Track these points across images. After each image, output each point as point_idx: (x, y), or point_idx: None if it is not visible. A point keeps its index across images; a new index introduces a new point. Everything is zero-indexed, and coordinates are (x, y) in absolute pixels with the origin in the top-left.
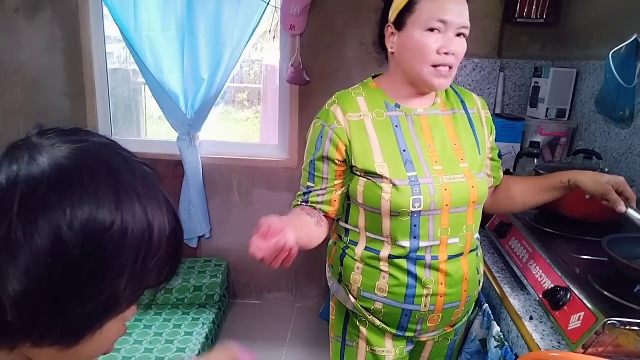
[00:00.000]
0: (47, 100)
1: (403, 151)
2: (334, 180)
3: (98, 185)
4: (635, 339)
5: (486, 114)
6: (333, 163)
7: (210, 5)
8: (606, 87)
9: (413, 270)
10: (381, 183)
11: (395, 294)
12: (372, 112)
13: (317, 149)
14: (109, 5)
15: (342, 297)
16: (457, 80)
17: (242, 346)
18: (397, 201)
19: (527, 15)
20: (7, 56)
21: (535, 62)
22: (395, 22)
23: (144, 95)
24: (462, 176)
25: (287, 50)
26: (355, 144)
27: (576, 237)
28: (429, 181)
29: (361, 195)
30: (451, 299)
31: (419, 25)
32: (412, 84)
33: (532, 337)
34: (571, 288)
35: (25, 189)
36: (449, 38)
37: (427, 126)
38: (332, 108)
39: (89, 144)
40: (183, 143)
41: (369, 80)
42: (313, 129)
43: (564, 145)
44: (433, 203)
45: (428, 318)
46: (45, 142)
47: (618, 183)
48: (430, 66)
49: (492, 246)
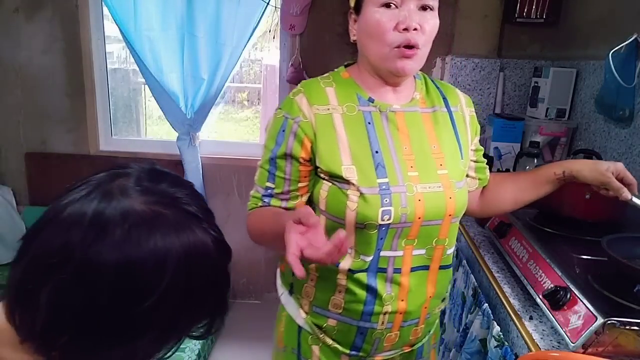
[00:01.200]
0: (47, 100)
1: (375, 153)
2: (298, 183)
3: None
4: (635, 339)
5: (471, 113)
6: (297, 162)
7: (210, 5)
8: (606, 87)
9: (373, 285)
10: (347, 190)
11: (351, 311)
12: (343, 106)
13: (279, 145)
14: (109, 5)
15: (292, 311)
16: (457, 80)
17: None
18: (365, 212)
19: (527, 15)
20: (7, 56)
21: (535, 62)
22: (355, 7)
23: (144, 95)
24: (440, 185)
25: (287, 50)
26: (320, 142)
27: (576, 237)
28: (401, 190)
29: (324, 202)
30: (411, 317)
31: (373, 3)
32: (377, 72)
33: (532, 337)
34: (571, 288)
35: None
36: (408, 11)
37: (403, 125)
38: (298, 98)
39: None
40: (183, 143)
41: (340, 69)
42: (274, 121)
43: (564, 145)
44: (404, 215)
45: (385, 337)
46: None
47: (618, 170)
48: (392, 48)
49: (492, 246)
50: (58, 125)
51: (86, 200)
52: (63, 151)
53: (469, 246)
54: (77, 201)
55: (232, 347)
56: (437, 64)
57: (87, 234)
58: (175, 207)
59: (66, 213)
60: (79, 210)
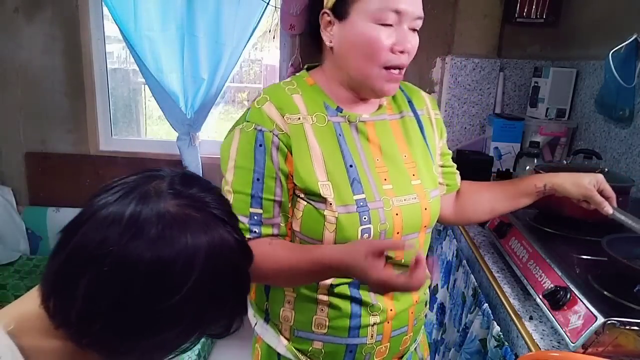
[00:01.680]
0: (47, 100)
1: (350, 167)
2: (288, 203)
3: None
4: (635, 339)
5: (436, 115)
6: (287, 180)
7: (210, 5)
8: (606, 87)
9: (357, 296)
10: (324, 210)
11: (337, 329)
12: (312, 115)
13: (260, 163)
14: (109, 5)
15: (271, 340)
16: (457, 80)
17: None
18: (344, 233)
19: (527, 15)
20: (7, 56)
21: (535, 62)
22: (334, 8)
23: (144, 95)
24: (415, 196)
25: (287, 50)
26: (296, 156)
27: (576, 237)
28: (378, 205)
29: (299, 223)
30: (399, 325)
31: (368, 16)
32: (354, 87)
33: (532, 337)
34: (571, 288)
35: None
36: (404, 33)
37: (374, 135)
38: (266, 107)
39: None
40: (183, 143)
41: (303, 74)
42: (243, 136)
43: (564, 145)
44: (383, 232)
45: (375, 351)
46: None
47: (599, 182)
48: (381, 68)
49: (492, 246)
50: (58, 125)
51: (125, 200)
52: (63, 151)
53: (469, 246)
54: (115, 201)
55: (232, 347)
56: (437, 64)
57: (125, 231)
58: (204, 211)
59: (106, 212)
60: (118, 210)
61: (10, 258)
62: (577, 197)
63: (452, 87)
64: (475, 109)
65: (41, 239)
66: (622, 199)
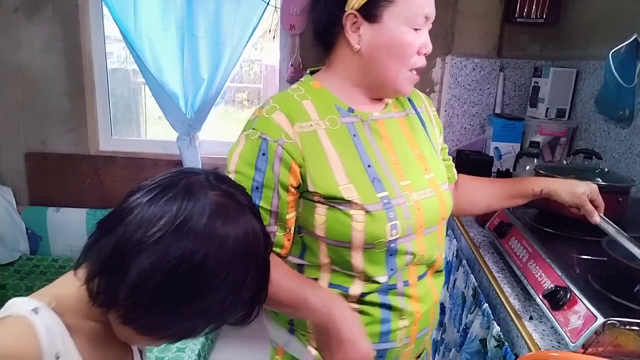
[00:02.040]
0: (47, 100)
1: (368, 167)
2: (287, 215)
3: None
4: (635, 339)
5: (434, 112)
6: (286, 192)
7: (210, 5)
8: (606, 87)
9: (387, 302)
10: (350, 210)
11: (368, 335)
12: (325, 119)
13: (261, 172)
14: (109, 5)
15: (296, 351)
16: (457, 80)
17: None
18: (373, 231)
19: (527, 15)
20: (7, 56)
21: (535, 62)
22: (363, 11)
23: (144, 95)
24: (431, 190)
25: (287, 50)
26: (311, 164)
27: (576, 237)
28: (401, 201)
29: (322, 228)
30: (423, 326)
31: (403, 21)
32: (373, 88)
33: (532, 337)
34: (571, 288)
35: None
36: (427, 36)
37: (385, 133)
38: (275, 116)
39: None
40: (183, 143)
41: (308, 79)
42: (248, 143)
43: (564, 145)
44: (409, 227)
45: (402, 354)
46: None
47: (592, 192)
48: (408, 70)
49: (492, 246)
50: (58, 125)
51: (168, 193)
52: (63, 151)
53: (469, 246)
54: (158, 194)
55: (232, 347)
56: (437, 64)
57: (175, 220)
58: (237, 201)
59: (152, 203)
60: (166, 201)
61: (10, 258)
62: (569, 204)
63: (452, 87)
64: (475, 109)
65: (41, 239)
66: (622, 199)
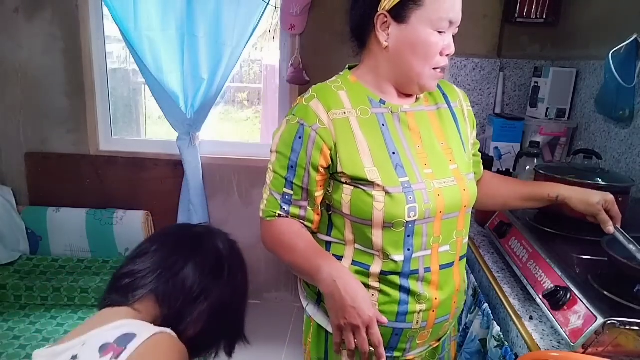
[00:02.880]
0: (47, 100)
1: (392, 154)
2: (316, 193)
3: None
4: (635, 339)
5: (468, 108)
6: (316, 172)
7: (210, 5)
8: (606, 87)
9: (406, 285)
10: (372, 191)
11: (386, 313)
12: (357, 109)
13: (296, 152)
14: (109, 5)
15: (322, 320)
16: (457, 80)
17: None
18: (392, 211)
19: (527, 15)
20: (7, 56)
21: (535, 62)
22: (393, 12)
23: (144, 95)
24: (453, 179)
25: (287, 50)
26: (342, 147)
27: (576, 237)
28: (421, 187)
29: (348, 206)
30: (443, 313)
31: (428, 23)
32: (400, 83)
33: (532, 337)
34: (571, 288)
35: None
36: (451, 39)
37: (414, 124)
38: (313, 104)
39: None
40: (183, 143)
41: (346, 73)
42: (288, 127)
43: (564, 145)
44: (428, 211)
45: (418, 335)
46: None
47: (608, 202)
48: (431, 68)
49: (492, 246)
50: (58, 125)
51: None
52: (63, 151)
53: (469, 246)
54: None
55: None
56: None
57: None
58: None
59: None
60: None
61: (10, 258)
62: (583, 212)
63: None
64: (475, 109)
65: (41, 239)
66: (622, 199)
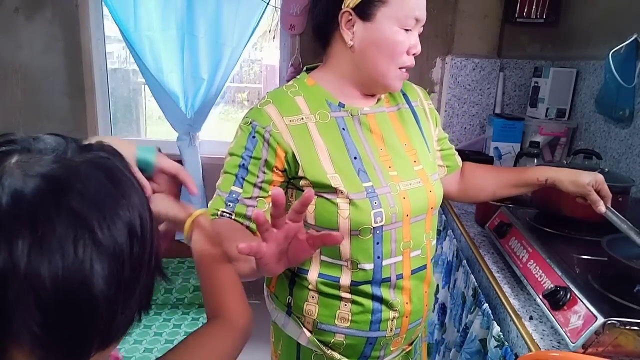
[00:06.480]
0: (47, 100)
1: (354, 159)
2: (269, 192)
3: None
4: (635, 339)
5: (429, 105)
6: (271, 172)
7: (210, 5)
8: (606, 87)
9: (378, 294)
10: (336, 199)
11: (359, 322)
12: (315, 114)
13: (249, 150)
14: (109, 5)
15: (292, 332)
16: (457, 80)
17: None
18: (357, 218)
19: (527, 15)
20: (7, 56)
21: (535, 62)
22: (358, 9)
23: (144, 95)
24: (419, 181)
25: (287, 50)
26: (301, 153)
27: (576, 237)
28: (386, 191)
29: (312, 216)
30: (416, 317)
31: (395, 21)
32: (364, 83)
33: (532, 337)
34: (571, 288)
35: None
36: (417, 37)
37: (376, 127)
38: (267, 108)
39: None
40: (183, 143)
41: (303, 76)
42: (241, 131)
43: (564, 145)
44: (394, 215)
45: (392, 342)
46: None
47: (598, 182)
48: (397, 68)
49: (492, 246)
50: (58, 125)
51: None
52: None
53: (469, 246)
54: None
55: None
56: (437, 64)
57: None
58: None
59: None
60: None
61: None
62: (574, 193)
63: (452, 87)
64: (475, 109)
65: None
66: (622, 199)
